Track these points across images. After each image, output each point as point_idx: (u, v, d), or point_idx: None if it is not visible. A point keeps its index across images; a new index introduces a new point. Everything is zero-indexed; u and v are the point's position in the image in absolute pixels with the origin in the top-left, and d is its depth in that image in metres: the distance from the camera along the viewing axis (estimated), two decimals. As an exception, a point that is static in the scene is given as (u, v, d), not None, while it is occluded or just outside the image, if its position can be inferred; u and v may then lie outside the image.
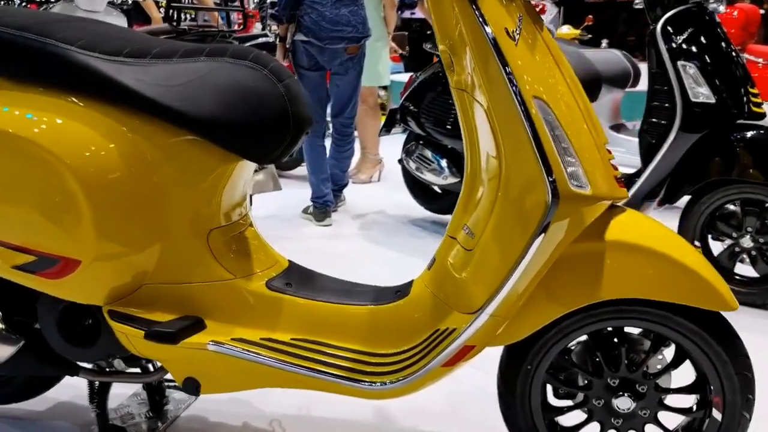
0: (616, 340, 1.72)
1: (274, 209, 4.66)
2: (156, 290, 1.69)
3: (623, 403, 1.71)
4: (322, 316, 1.73)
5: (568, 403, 1.79)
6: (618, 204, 1.67)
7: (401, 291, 1.77)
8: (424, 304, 1.69)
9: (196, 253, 1.71)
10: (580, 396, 1.76)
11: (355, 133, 4.90)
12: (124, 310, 1.67)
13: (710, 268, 1.63)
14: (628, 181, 3.45)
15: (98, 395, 1.91)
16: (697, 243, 3.33)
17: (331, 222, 4.43)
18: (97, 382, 1.91)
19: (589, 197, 1.50)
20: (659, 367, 1.72)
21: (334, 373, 1.62)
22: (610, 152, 1.65)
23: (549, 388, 1.79)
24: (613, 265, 1.58)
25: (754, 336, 3.16)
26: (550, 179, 1.46)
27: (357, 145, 5.06)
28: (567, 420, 1.81)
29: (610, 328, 1.72)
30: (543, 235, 1.48)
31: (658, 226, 1.68)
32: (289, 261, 1.91)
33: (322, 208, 4.40)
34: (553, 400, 1.81)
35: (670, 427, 1.76)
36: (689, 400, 1.75)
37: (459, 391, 2.26)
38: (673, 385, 1.74)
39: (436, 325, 1.65)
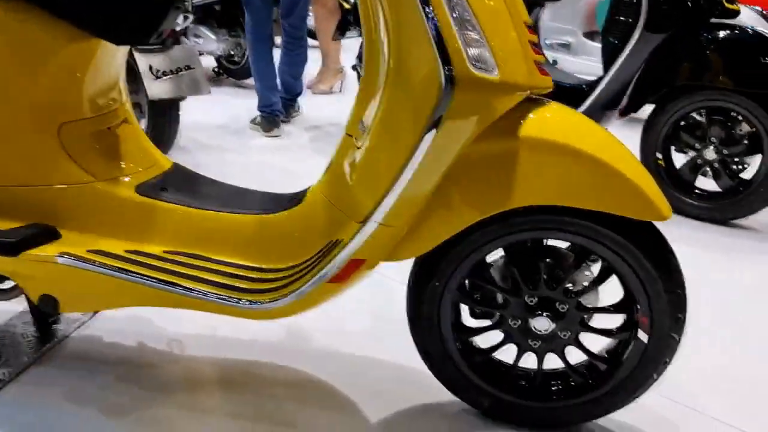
0: (535, 254, 1.53)
1: (226, 119, 4.39)
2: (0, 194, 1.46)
3: (541, 324, 1.53)
4: (201, 225, 1.51)
5: (486, 323, 1.61)
6: (540, 96, 1.44)
7: (296, 198, 1.55)
8: (318, 213, 1.47)
9: (45, 151, 1.47)
10: (497, 316, 1.59)
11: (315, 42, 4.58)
12: None
13: (642, 173, 1.42)
14: (589, 88, 3.20)
15: None
16: (658, 155, 3.12)
17: (280, 133, 4.16)
18: None
19: (498, 84, 1.27)
20: (583, 284, 1.54)
21: (209, 291, 1.42)
22: (533, 32, 1.40)
23: (466, 309, 1.62)
24: (528, 167, 1.36)
25: (709, 254, 3.09)
26: (444, 59, 1.22)
27: (316, 55, 4.75)
28: (485, 342, 1.64)
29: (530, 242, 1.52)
30: (436, 129, 1.25)
31: (586, 123, 1.45)
32: (174, 163, 1.68)
33: (270, 117, 4.12)
34: (471, 322, 1.64)
35: (594, 350, 1.59)
36: (615, 321, 1.58)
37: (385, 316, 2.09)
38: (599, 305, 1.56)
39: (330, 237, 1.44)
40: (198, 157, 3.60)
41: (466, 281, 1.57)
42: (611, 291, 1.54)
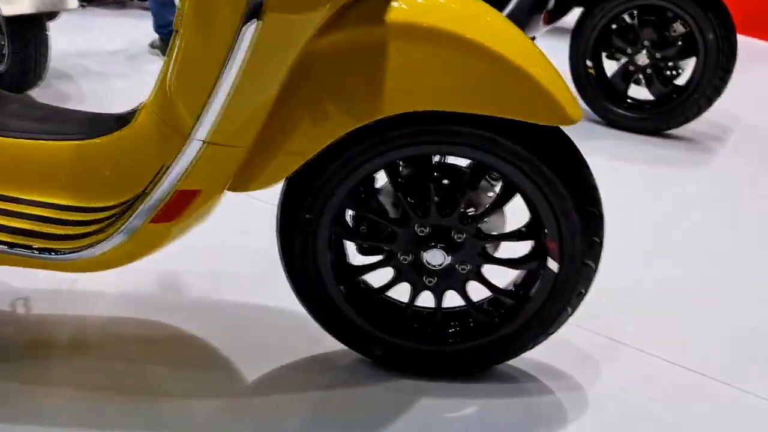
0: (424, 174, 1.27)
1: (123, 44, 3.94)
2: None
3: (435, 257, 1.28)
4: (4, 158, 1.19)
5: (374, 260, 1.36)
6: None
7: (123, 118, 1.23)
8: (149, 135, 1.17)
9: None
10: (386, 251, 1.33)
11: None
12: None
13: (546, 69, 1.15)
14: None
15: None
16: (589, 63, 2.87)
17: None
18: None
19: None
20: (482, 207, 1.29)
21: (10, 241, 1.11)
22: None
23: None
24: (399, 62, 1.08)
25: (640, 167, 2.88)
26: None
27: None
28: (377, 281, 1.40)
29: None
30: (258, 18, 0.96)
31: (479, 8, 1.17)
32: None
33: (168, 38, 3.70)
34: (359, 259, 1.38)
35: (501, 285, 1.36)
36: (522, 250, 1.34)
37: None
38: (501, 231, 1.33)
39: (161, 164, 1.14)
40: (82, 86, 3.20)
41: (348, 212, 1.31)
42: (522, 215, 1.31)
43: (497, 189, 1.30)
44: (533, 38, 3.07)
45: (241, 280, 1.76)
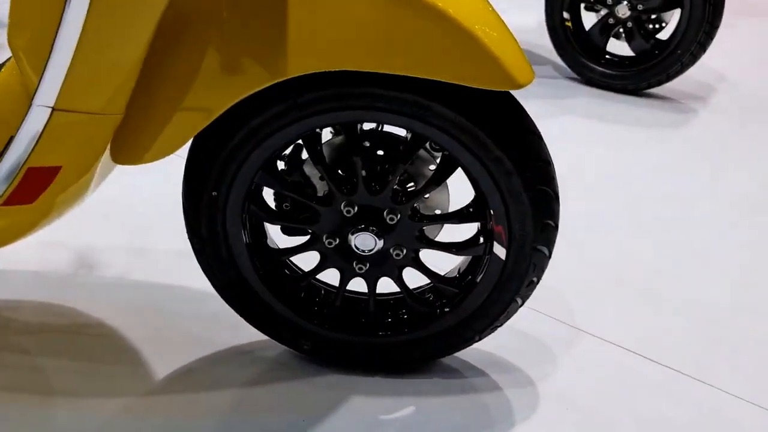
0: (350, 144, 1.08)
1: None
2: None
3: (364, 242, 1.11)
4: None
5: (297, 243, 1.19)
6: None
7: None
8: (4, 97, 0.96)
9: None
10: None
11: None
12: None
13: (488, 20, 0.96)
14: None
15: None
16: (566, 15, 2.66)
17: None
18: None
19: None
20: (417, 184, 1.11)
21: None
22: None
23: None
24: (305, 13, 0.88)
25: (615, 128, 2.59)
26: None
27: None
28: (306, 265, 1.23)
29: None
30: None
31: None
32: None
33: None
34: (283, 241, 1.21)
35: (442, 272, 1.19)
36: (466, 233, 1.17)
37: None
38: (445, 210, 1.15)
39: (11, 134, 0.94)
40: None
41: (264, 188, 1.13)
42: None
43: (439, 161, 1.12)
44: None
45: (164, 257, 1.58)
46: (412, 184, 1.14)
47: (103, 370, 1.25)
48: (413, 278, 1.19)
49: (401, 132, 1.10)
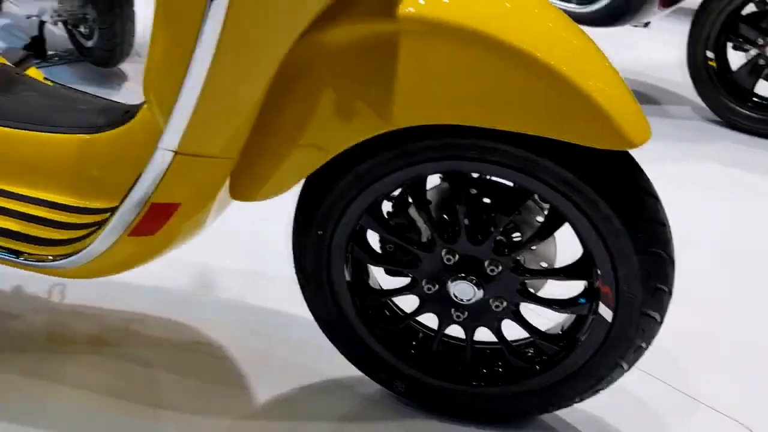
0: (455, 192, 1.08)
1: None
2: None
3: (463, 291, 1.10)
4: (3, 149, 1.12)
5: (400, 285, 1.19)
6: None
7: (130, 112, 1.12)
8: (138, 136, 1.05)
9: None
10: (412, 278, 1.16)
11: None
12: None
13: (603, 75, 0.92)
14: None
15: None
16: (710, 54, 2.51)
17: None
18: None
19: None
20: (522, 236, 1.08)
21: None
22: None
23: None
24: (419, 66, 0.89)
25: (754, 178, 2.32)
26: None
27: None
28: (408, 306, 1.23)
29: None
30: (223, 3, 0.80)
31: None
32: (5, 63, 1.27)
33: None
34: (387, 282, 1.22)
35: (543, 327, 1.15)
36: (571, 290, 1.12)
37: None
38: (551, 264, 1.11)
39: (139, 171, 1.02)
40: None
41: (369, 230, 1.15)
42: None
43: (546, 213, 1.09)
44: (647, 24, 2.74)
45: (278, 283, 1.64)
46: (518, 233, 1.12)
47: (210, 390, 1.32)
48: (513, 330, 1.17)
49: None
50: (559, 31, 0.94)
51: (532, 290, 1.11)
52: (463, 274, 1.08)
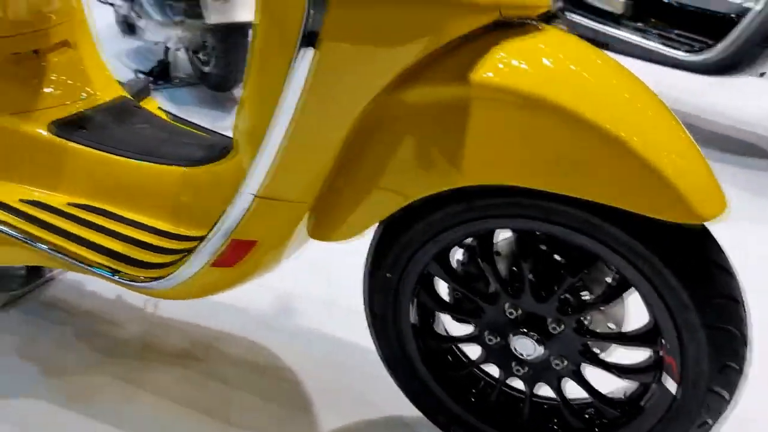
0: (523, 248, 1.09)
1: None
2: None
3: (524, 346, 1.10)
4: (114, 174, 1.25)
5: (465, 332, 1.21)
6: (530, 20, 0.97)
7: (227, 149, 1.22)
8: (239, 173, 1.13)
9: None
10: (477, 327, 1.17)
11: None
12: None
13: (676, 147, 0.91)
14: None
15: None
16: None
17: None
18: None
19: None
20: (587, 297, 1.08)
21: (94, 260, 1.16)
22: None
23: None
24: (488, 129, 0.92)
25: None
26: None
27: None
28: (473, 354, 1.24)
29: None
30: (314, 47, 0.85)
31: (593, 67, 0.95)
32: (123, 96, 1.41)
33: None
34: (453, 328, 1.24)
35: (604, 390, 1.13)
36: (636, 356, 1.10)
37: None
38: (618, 328, 1.09)
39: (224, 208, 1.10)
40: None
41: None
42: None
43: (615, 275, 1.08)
44: (762, 74, 2.61)
45: (357, 317, 1.68)
46: (585, 292, 1.11)
47: (279, 413, 1.39)
48: (575, 389, 1.15)
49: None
50: (633, 100, 0.93)
51: (596, 350, 1.10)
52: (525, 330, 1.09)
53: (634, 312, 1.10)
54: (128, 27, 3.13)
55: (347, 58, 0.89)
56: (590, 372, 1.12)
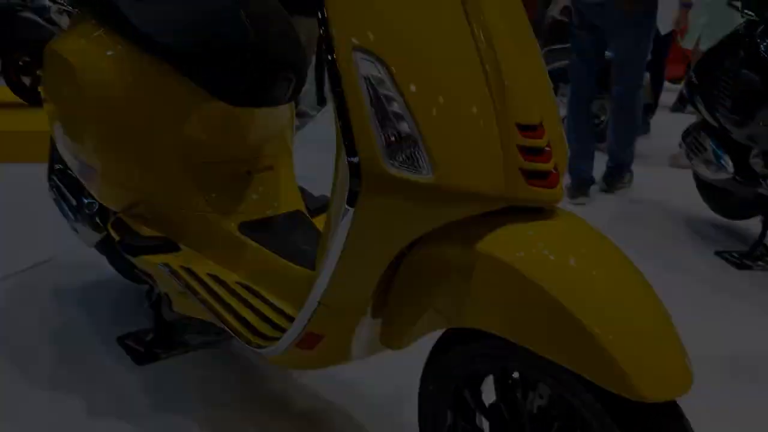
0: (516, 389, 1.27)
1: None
2: (150, 208, 1.87)
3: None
4: (270, 268, 1.68)
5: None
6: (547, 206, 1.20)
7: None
8: (304, 290, 1.46)
9: (184, 182, 1.79)
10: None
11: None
12: (126, 219, 1.90)
13: (641, 323, 1.05)
14: None
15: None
16: None
17: (587, 201, 3.96)
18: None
19: (432, 186, 1.12)
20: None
21: (230, 321, 1.58)
22: (539, 135, 1.16)
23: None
24: (475, 285, 1.15)
25: None
26: (349, 151, 1.15)
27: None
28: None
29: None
30: (351, 216, 1.20)
31: (580, 249, 1.13)
32: (299, 210, 1.86)
33: (575, 182, 3.97)
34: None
35: None
36: None
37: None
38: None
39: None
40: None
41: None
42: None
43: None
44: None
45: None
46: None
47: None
48: None
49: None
50: (618, 291, 1.07)
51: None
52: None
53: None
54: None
55: (378, 219, 1.20)
56: None
